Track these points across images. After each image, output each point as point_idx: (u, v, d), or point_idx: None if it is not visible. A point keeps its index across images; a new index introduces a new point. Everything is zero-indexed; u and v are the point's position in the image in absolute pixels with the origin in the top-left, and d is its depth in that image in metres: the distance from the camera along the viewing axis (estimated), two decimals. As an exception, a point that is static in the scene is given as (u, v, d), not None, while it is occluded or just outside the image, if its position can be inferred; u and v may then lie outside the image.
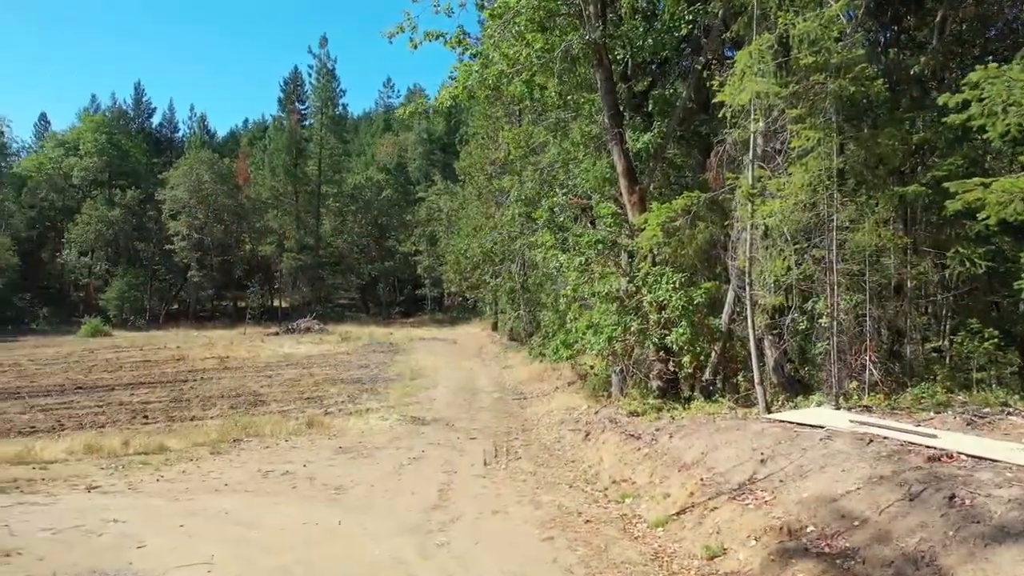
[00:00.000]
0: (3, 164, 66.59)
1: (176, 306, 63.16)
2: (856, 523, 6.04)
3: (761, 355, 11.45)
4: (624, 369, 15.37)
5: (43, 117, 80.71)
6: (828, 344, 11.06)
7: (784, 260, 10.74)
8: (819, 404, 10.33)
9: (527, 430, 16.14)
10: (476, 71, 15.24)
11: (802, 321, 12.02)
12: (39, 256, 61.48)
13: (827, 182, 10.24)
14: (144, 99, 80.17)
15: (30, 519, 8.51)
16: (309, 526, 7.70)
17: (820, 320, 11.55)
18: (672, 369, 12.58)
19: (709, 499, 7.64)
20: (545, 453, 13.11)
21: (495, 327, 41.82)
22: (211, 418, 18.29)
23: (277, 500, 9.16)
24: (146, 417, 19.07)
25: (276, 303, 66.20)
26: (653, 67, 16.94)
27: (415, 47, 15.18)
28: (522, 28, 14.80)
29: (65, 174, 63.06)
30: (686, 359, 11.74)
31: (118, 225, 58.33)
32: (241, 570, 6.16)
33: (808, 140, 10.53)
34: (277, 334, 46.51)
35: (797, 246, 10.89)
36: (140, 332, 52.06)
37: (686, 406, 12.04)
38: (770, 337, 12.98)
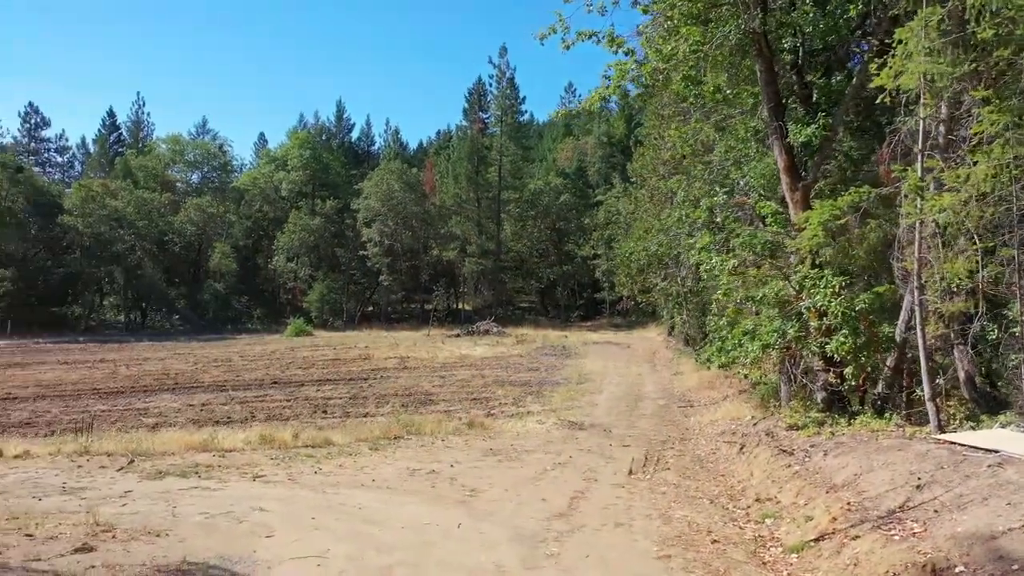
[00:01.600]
0: (226, 180, 74.36)
1: (370, 308, 67.35)
2: (1016, 567, 5.18)
3: (934, 367, 10.23)
4: (791, 379, 14.38)
5: (261, 136, 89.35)
6: (1020, 357, 9.68)
7: (966, 261, 9.52)
8: (1004, 425, 9.05)
9: (685, 440, 15.54)
10: (631, 69, 14.90)
11: (992, 330, 10.61)
12: (255, 262, 67.88)
13: (1015, 172, 8.95)
14: (344, 116, 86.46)
15: (195, 503, 9.30)
16: (430, 527, 7.81)
17: (1014, 329, 10.14)
18: (835, 381, 11.56)
19: (852, 526, 6.90)
20: (696, 465, 12.53)
21: (671, 332, 40.83)
22: (382, 415, 19.20)
23: (411, 499, 9.39)
24: (325, 412, 20.40)
25: (460, 306, 68.76)
26: (825, 54, 15.74)
27: (567, 48, 15.09)
28: (676, 22, 14.28)
29: (275, 187, 69.29)
30: (849, 370, 10.73)
31: (319, 233, 63.11)
32: (346, 567, 6.34)
33: (993, 125, 9.27)
34: (458, 336, 48.24)
35: (982, 245, 9.61)
36: (337, 332, 56.06)
37: (850, 421, 11.00)
38: (960, 347, 11.59)
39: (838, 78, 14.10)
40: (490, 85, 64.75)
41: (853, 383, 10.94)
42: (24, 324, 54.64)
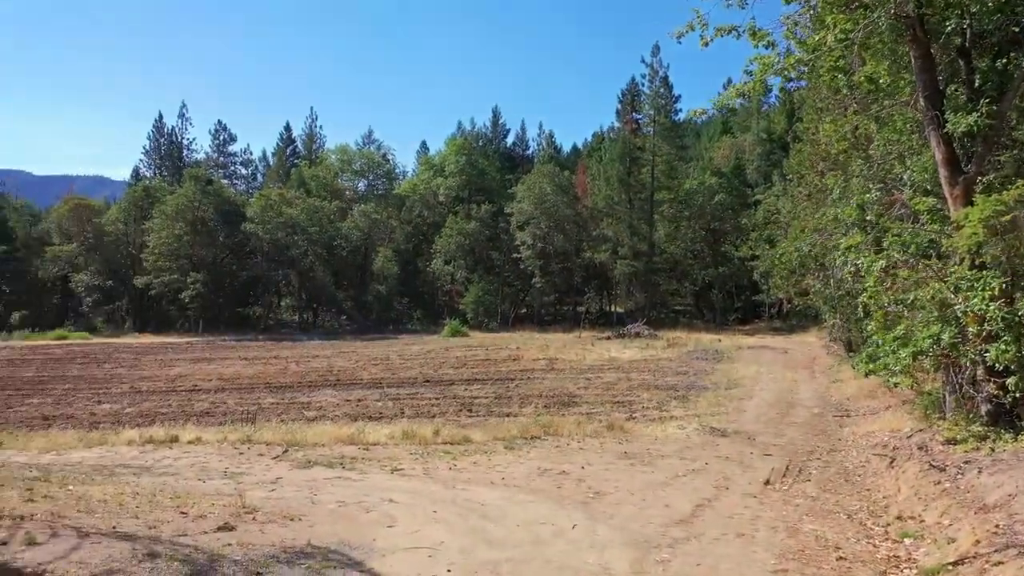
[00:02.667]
0: (389, 187, 78.19)
1: (524, 310, 68.43)
2: None
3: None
4: (956, 389, 13.24)
5: (423, 145, 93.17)
6: None
7: None
8: None
9: (834, 451, 14.68)
10: (775, 63, 14.31)
11: None
12: (415, 265, 70.84)
13: None
14: (500, 122, 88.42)
15: (334, 492, 9.93)
16: (546, 526, 7.91)
17: None
18: (998, 392, 10.51)
19: (996, 551, 6.30)
20: (841, 478, 11.83)
21: (832, 337, 38.61)
22: (523, 415, 19.51)
23: (534, 498, 9.53)
24: (470, 410, 21.00)
25: (612, 308, 68.41)
26: (997, 35, 14.36)
27: (705, 45, 14.69)
28: (821, 10, 13.56)
29: (434, 193, 72.05)
30: (1012, 380, 9.72)
31: (474, 236, 64.90)
32: (456, 559, 6.57)
33: None
34: (608, 338, 48.02)
35: None
36: (491, 333, 57.40)
37: (1016, 437, 9.99)
38: None
39: (1009, 59, 12.83)
40: (643, 85, 64.02)
41: (1017, 395, 9.92)
42: (212, 323, 60.08)
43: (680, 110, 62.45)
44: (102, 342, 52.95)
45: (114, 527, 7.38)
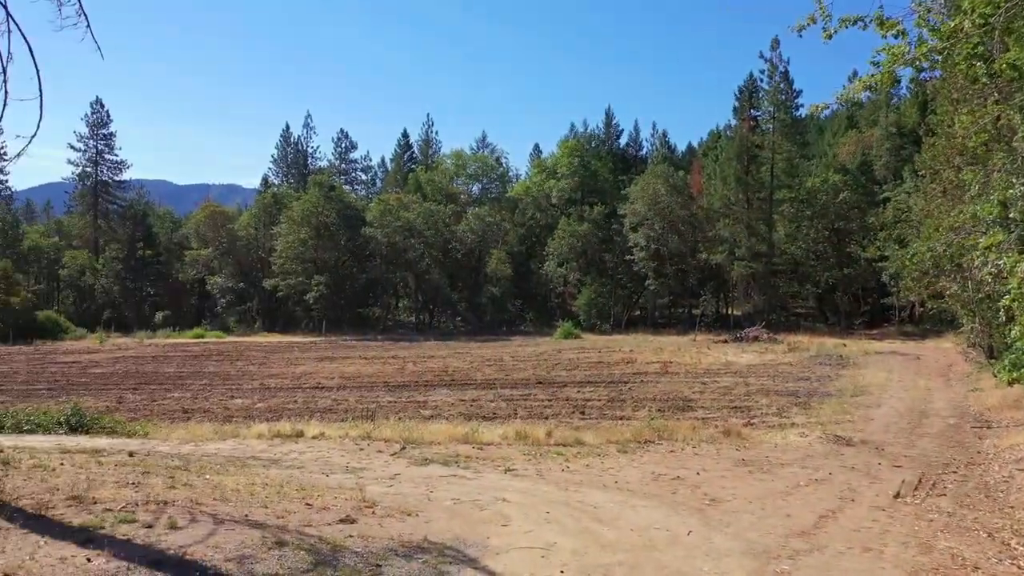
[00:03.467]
0: (503, 190, 79.15)
1: (637, 312, 67.67)
2: None
3: None
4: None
5: (536, 148, 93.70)
6: None
7: None
8: None
9: (973, 465, 13.74)
10: (905, 52, 13.58)
11: None
12: (528, 267, 71.37)
13: None
14: (613, 122, 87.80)
15: (449, 489, 10.15)
16: (660, 531, 7.80)
17: None
18: None
19: None
20: (980, 493, 11.06)
21: (971, 343, 36.11)
22: (637, 419, 19.29)
23: (647, 503, 9.41)
24: (583, 413, 20.95)
25: (728, 311, 66.59)
26: None
27: (829, 37, 14.05)
28: (958, -6, 12.75)
29: (546, 195, 72.37)
30: None
31: (587, 238, 64.72)
32: (568, 561, 6.57)
33: None
34: (725, 342, 46.78)
35: None
36: (604, 336, 57.07)
37: None
38: None
39: None
40: (761, 81, 61.98)
41: None
42: (334, 323, 62.56)
43: (801, 105, 60.06)
44: (235, 341, 56.19)
45: (246, 515, 7.81)
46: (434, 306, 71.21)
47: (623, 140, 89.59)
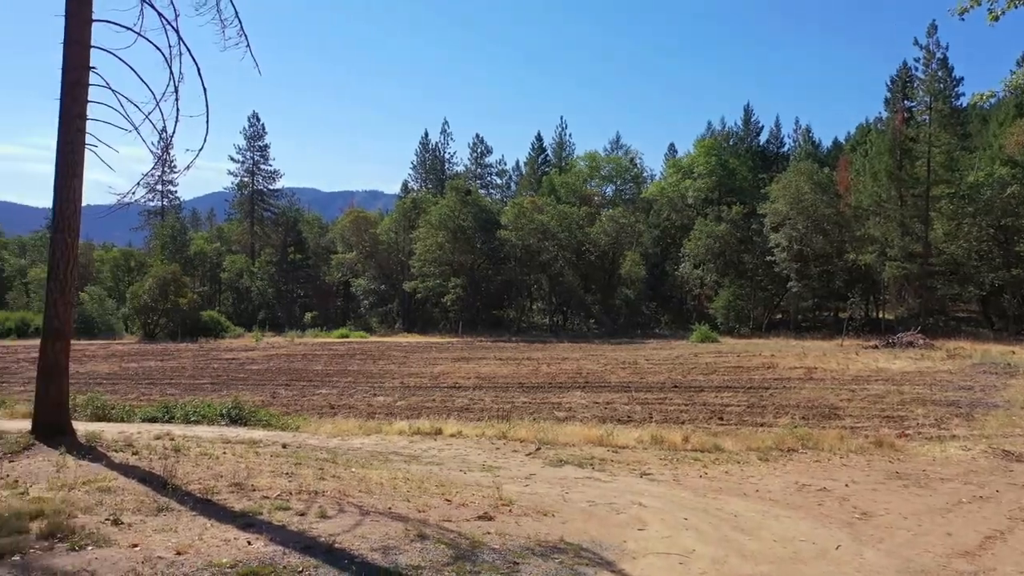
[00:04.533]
0: (636, 191, 78.31)
1: (778, 316, 65.12)
2: None
3: None
4: None
5: (671, 147, 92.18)
6: None
7: None
8: None
9: None
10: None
11: None
12: (662, 269, 70.25)
13: None
14: (752, 119, 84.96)
15: (584, 491, 10.14)
16: (805, 544, 7.46)
17: None
18: None
19: None
20: None
21: None
22: (779, 426, 18.53)
23: (791, 513, 9.03)
24: (721, 419, 20.35)
25: (879, 315, 62.82)
26: None
27: (995, 19, 13.07)
28: None
29: (682, 195, 70.96)
30: None
31: (724, 239, 62.95)
32: (708, 569, 6.39)
33: None
34: (875, 347, 44.18)
35: None
36: (742, 339, 55.28)
37: None
38: None
39: None
40: (916, 69, 58.01)
41: None
42: (470, 324, 63.98)
43: (962, 95, 55.82)
44: (377, 340, 58.61)
45: (389, 508, 8.12)
46: (567, 308, 71.37)
47: (763, 137, 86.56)
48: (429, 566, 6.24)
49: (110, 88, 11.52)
